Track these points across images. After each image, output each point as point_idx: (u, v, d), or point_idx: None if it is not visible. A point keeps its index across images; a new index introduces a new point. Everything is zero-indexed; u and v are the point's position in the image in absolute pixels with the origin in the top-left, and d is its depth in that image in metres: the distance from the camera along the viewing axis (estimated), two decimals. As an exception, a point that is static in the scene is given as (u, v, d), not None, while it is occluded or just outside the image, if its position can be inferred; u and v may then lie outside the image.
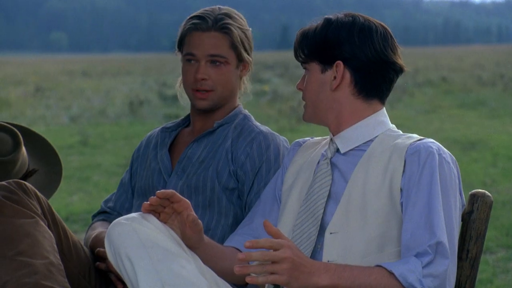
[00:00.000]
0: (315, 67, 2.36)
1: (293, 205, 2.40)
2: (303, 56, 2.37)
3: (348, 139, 2.36)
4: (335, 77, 2.33)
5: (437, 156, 2.23)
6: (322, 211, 2.29)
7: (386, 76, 2.35)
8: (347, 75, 2.33)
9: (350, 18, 2.34)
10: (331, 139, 2.40)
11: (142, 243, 2.16)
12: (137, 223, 2.20)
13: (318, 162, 2.41)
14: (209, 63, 2.70)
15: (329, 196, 2.32)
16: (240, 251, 2.39)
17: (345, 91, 2.35)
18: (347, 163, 2.34)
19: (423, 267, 2.12)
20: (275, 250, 2.05)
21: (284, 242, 2.07)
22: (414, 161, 2.24)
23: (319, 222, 2.29)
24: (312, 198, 2.33)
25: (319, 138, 2.55)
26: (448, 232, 2.18)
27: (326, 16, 2.37)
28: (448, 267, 2.15)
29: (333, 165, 2.35)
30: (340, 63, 2.32)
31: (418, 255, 2.15)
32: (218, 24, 2.69)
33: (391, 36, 2.36)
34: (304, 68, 2.39)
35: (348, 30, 2.32)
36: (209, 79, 2.70)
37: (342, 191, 2.29)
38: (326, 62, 2.34)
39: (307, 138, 2.58)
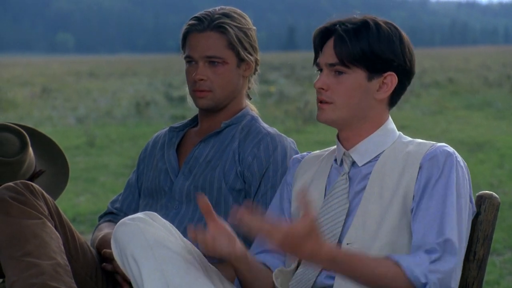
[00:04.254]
0: (359, 73, 2.29)
1: None
2: (343, 60, 2.28)
3: (365, 152, 2.33)
4: (380, 86, 2.30)
5: (454, 157, 2.24)
6: (340, 229, 2.27)
7: (408, 85, 2.37)
8: (394, 86, 2.32)
9: (392, 27, 2.31)
10: (344, 153, 2.36)
11: (147, 243, 2.16)
12: (143, 223, 2.20)
13: (328, 176, 2.40)
14: (207, 63, 2.71)
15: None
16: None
17: (384, 101, 2.34)
18: (362, 174, 2.32)
19: (430, 263, 2.13)
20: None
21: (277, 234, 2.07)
22: (433, 165, 2.23)
23: (337, 240, 2.27)
24: (330, 214, 2.30)
25: (318, 151, 2.52)
26: (458, 232, 2.18)
27: (366, 19, 2.30)
28: (455, 264, 2.15)
29: (350, 179, 2.34)
30: (393, 75, 2.30)
31: (427, 252, 2.15)
32: (214, 23, 2.70)
33: None
34: (339, 71, 2.30)
35: (400, 41, 2.29)
36: (208, 79, 2.70)
37: (358, 203, 2.28)
38: (375, 71, 2.29)
39: (304, 153, 2.56)
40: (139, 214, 2.24)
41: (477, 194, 2.35)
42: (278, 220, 2.13)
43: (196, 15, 2.75)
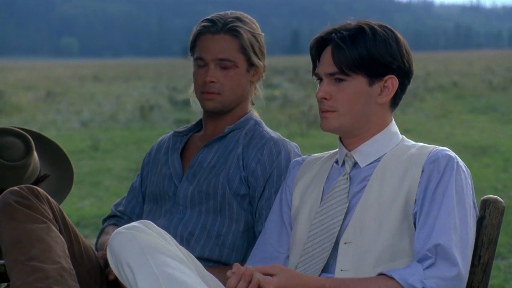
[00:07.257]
0: (360, 79, 2.29)
1: (303, 223, 2.38)
2: (343, 69, 2.28)
3: (367, 153, 2.34)
4: (381, 90, 2.31)
5: (455, 161, 2.24)
6: (338, 228, 2.28)
7: (408, 84, 2.37)
8: (396, 89, 2.32)
9: (387, 30, 2.31)
10: (346, 154, 2.37)
11: (142, 250, 2.16)
12: (138, 231, 2.21)
13: (328, 177, 2.40)
14: (218, 66, 2.71)
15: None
16: None
17: (387, 104, 2.34)
18: (363, 175, 2.33)
19: (424, 269, 2.13)
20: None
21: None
22: (434, 169, 2.23)
23: (335, 239, 2.28)
24: (329, 213, 2.31)
25: (319, 154, 2.53)
26: (462, 239, 2.18)
27: (360, 25, 2.30)
28: (459, 274, 2.14)
29: (350, 179, 2.34)
30: (394, 78, 2.30)
31: (419, 260, 2.16)
32: (227, 26, 2.70)
33: None
34: (340, 79, 2.30)
35: (396, 43, 2.30)
36: (218, 82, 2.70)
37: (356, 203, 2.29)
38: (375, 75, 2.29)
39: (305, 156, 2.57)
40: (134, 223, 2.26)
41: (481, 198, 2.35)
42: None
43: (208, 17, 2.75)
